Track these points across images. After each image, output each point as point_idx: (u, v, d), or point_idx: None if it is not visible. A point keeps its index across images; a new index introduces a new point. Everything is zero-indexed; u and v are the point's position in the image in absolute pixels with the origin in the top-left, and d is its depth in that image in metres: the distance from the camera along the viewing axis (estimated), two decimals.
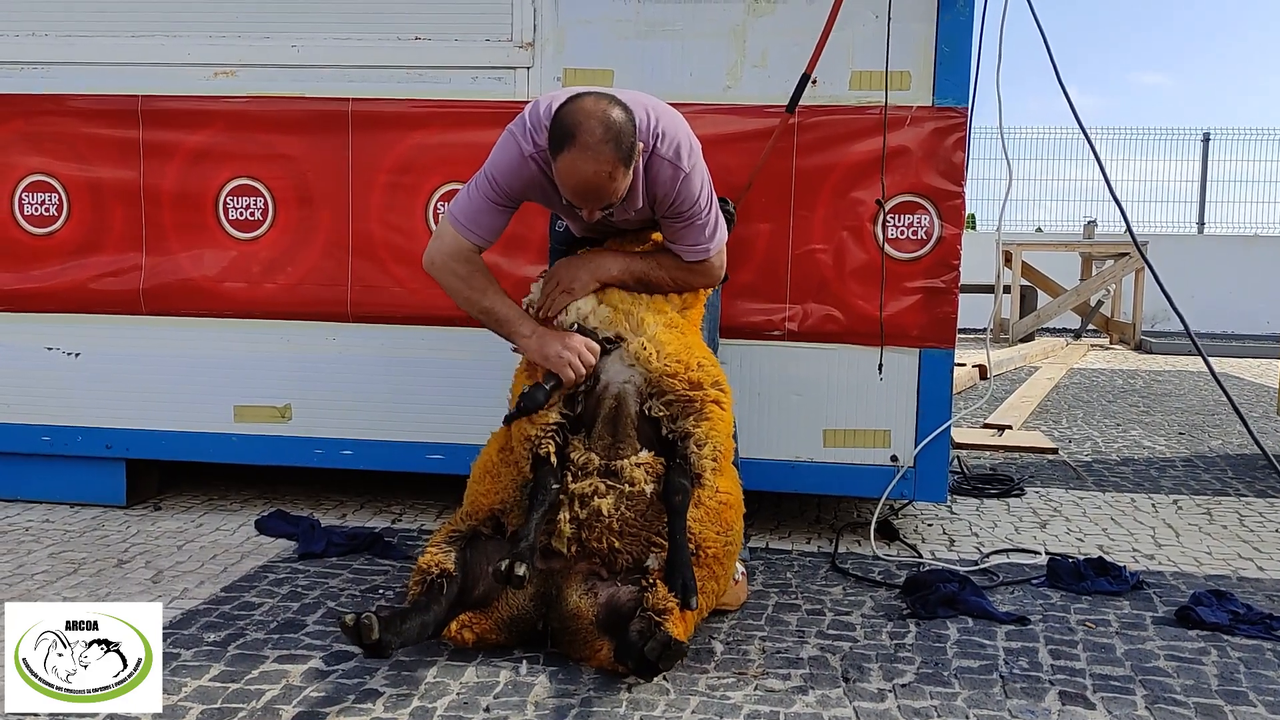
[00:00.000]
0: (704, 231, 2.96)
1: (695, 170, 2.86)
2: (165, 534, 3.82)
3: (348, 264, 3.90)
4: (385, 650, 2.48)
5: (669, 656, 2.49)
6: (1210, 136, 16.19)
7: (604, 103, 2.68)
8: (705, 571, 2.78)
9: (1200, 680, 2.67)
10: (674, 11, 3.71)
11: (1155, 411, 7.20)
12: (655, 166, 2.82)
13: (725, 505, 2.87)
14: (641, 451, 2.82)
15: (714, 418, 2.85)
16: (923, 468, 3.77)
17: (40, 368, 4.07)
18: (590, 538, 2.76)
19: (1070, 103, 3.84)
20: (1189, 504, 4.54)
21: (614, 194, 2.73)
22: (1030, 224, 16.81)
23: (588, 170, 2.65)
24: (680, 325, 2.98)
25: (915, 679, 2.65)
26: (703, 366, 2.88)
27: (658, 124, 2.81)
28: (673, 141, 2.82)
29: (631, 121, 2.70)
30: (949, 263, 3.70)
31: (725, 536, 2.85)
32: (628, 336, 2.90)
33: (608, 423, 2.85)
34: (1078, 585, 3.33)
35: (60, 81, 3.97)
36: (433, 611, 2.65)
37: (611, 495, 2.76)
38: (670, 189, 2.84)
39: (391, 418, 3.93)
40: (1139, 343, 11.89)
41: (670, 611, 2.59)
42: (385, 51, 3.84)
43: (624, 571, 2.75)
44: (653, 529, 2.76)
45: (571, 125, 2.65)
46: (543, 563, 2.78)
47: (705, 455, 2.80)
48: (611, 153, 2.64)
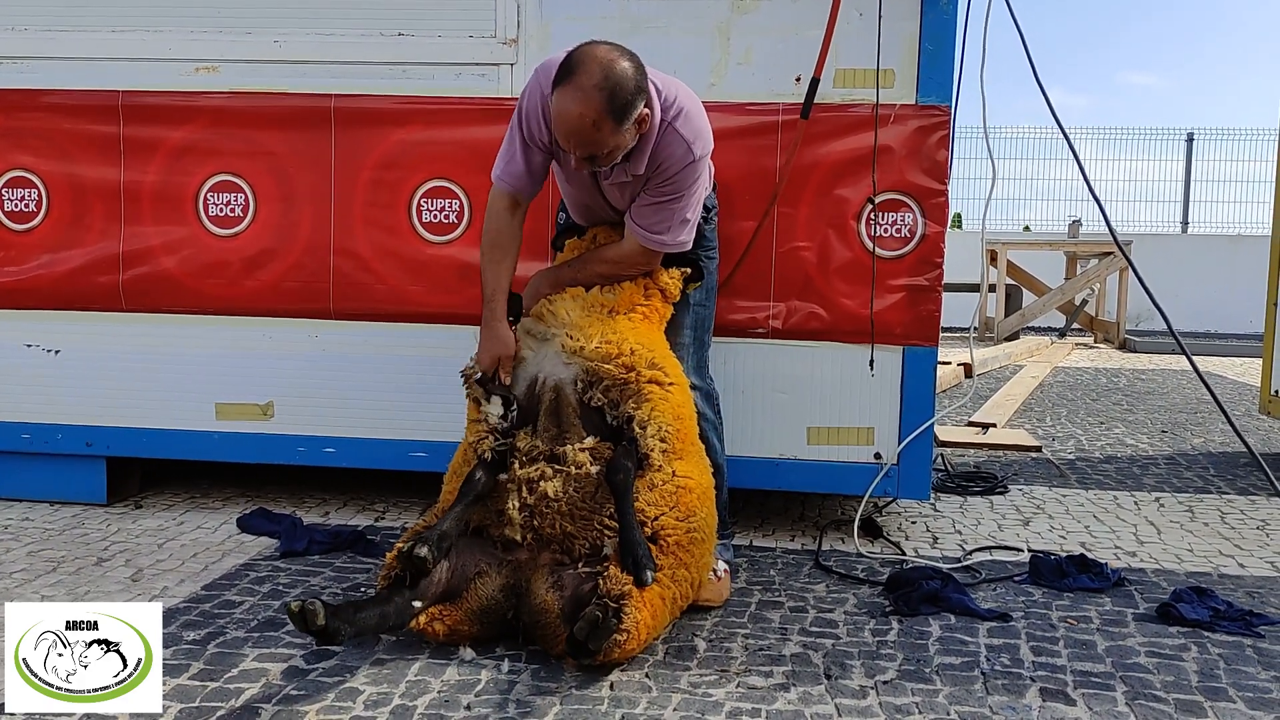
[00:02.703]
0: (668, 222, 2.97)
1: (700, 166, 2.92)
2: (146, 532, 3.80)
3: (329, 261, 3.88)
4: (335, 637, 2.48)
5: (598, 635, 2.50)
6: (1194, 136, 16.27)
7: (616, 54, 2.73)
8: (671, 559, 2.77)
9: (1181, 676, 2.68)
10: (658, 8, 3.71)
11: (1138, 410, 7.23)
12: (669, 139, 2.88)
13: (684, 490, 2.86)
14: (587, 438, 2.86)
15: (654, 398, 2.87)
16: (906, 465, 3.77)
17: (19, 364, 4.04)
18: (543, 525, 2.80)
19: (1046, 98, 3.85)
20: (1171, 501, 4.55)
21: (599, 145, 2.76)
22: (1018, 223, 16.90)
23: (573, 110, 2.69)
24: (602, 307, 3.01)
25: (897, 676, 2.65)
26: (635, 352, 2.89)
27: (677, 102, 2.89)
28: (694, 127, 2.90)
29: (638, 82, 2.73)
30: (932, 260, 3.70)
31: (688, 523, 2.83)
32: (558, 332, 2.95)
33: (550, 415, 2.91)
34: (1060, 582, 3.34)
35: (40, 77, 3.94)
36: (394, 603, 2.65)
37: (558, 479, 2.80)
38: (674, 165, 2.89)
39: (374, 415, 3.91)
40: (1123, 341, 11.95)
41: (629, 596, 2.59)
42: (368, 47, 3.82)
43: (583, 559, 2.77)
44: (604, 512, 2.78)
45: (575, 63, 2.71)
46: (508, 554, 2.82)
47: (650, 435, 2.82)
48: (601, 100, 2.67)
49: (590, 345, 2.88)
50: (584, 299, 3.04)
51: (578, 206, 3.30)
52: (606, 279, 3.08)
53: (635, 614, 2.57)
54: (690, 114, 2.91)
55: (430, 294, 3.83)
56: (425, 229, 3.83)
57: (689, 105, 2.92)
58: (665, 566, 2.73)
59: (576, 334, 2.91)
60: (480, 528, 2.89)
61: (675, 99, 2.90)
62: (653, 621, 2.67)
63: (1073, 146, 4.05)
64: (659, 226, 2.98)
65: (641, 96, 2.75)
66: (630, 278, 3.09)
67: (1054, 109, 3.88)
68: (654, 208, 2.97)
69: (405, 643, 2.78)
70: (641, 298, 3.08)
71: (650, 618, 2.64)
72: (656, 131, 2.87)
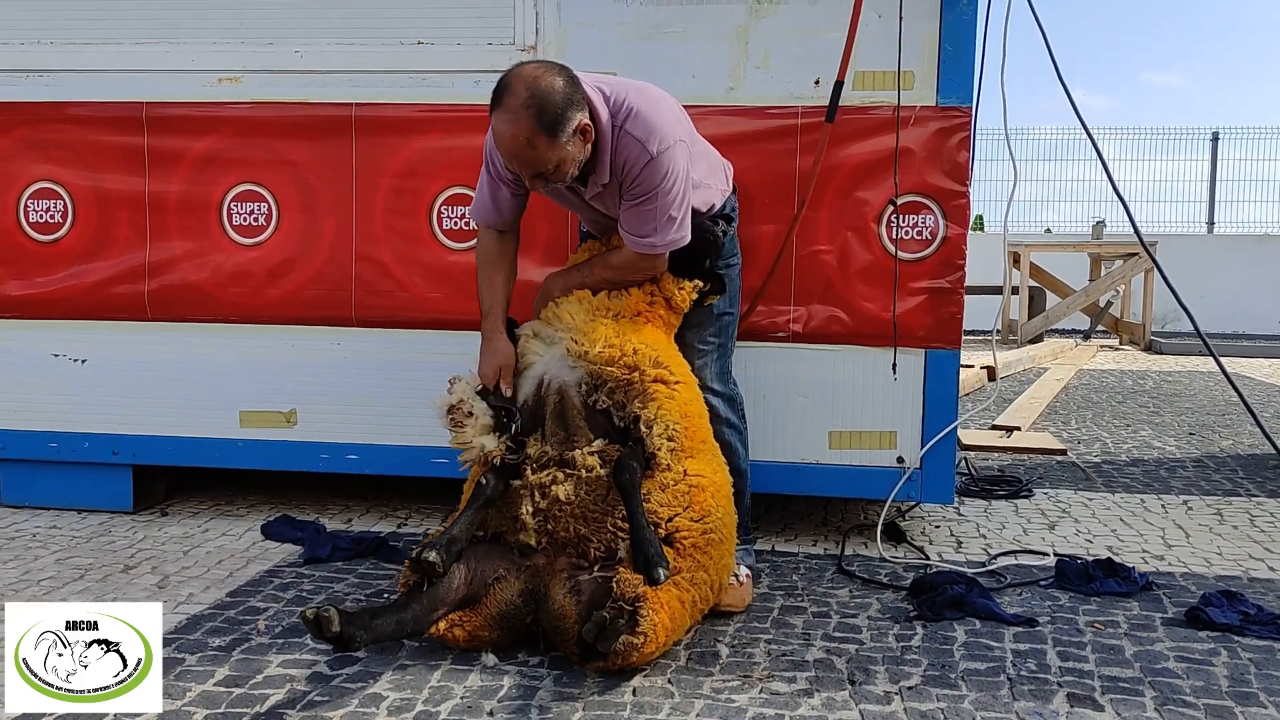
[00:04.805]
0: (652, 224, 2.94)
1: (665, 161, 2.86)
2: (171, 539, 3.82)
3: (351, 269, 3.90)
4: (351, 644, 2.50)
5: (606, 637, 2.50)
6: (1219, 135, 16.11)
7: (542, 70, 2.73)
8: (689, 562, 2.75)
9: (1210, 681, 2.65)
10: (676, 13, 3.71)
11: (1165, 412, 7.16)
12: (623, 142, 2.86)
13: (697, 489, 2.84)
14: (595, 441, 2.87)
15: (660, 397, 2.86)
16: (929, 469, 3.75)
17: (47, 374, 4.07)
18: (557, 529, 2.81)
19: (1069, 96, 3.83)
20: (1199, 504, 4.51)
21: (541, 162, 2.76)
22: (1039, 225, 16.76)
23: (506, 132, 2.72)
24: (607, 311, 3.01)
25: (922, 681, 2.64)
26: (638, 352, 2.88)
27: (626, 103, 2.86)
28: (645, 124, 2.85)
29: (568, 95, 2.72)
30: (954, 263, 3.68)
31: (703, 523, 2.82)
32: (563, 335, 2.96)
33: (556, 418, 2.92)
34: (1086, 586, 3.32)
35: (65, 89, 3.97)
36: (412, 609, 2.65)
37: (569, 482, 2.81)
38: (634, 167, 2.87)
39: (397, 422, 3.91)
40: (1149, 343, 11.85)
41: (645, 598, 2.58)
42: (388, 56, 3.84)
43: (598, 562, 2.77)
44: (616, 513, 2.78)
45: (503, 87, 2.72)
46: (526, 559, 2.83)
47: (656, 434, 2.81)
48: (530, 118, 2.68)
49: (594, 350, 2.88)
50: (589, 303, 3.04)
51: (585, 220, 3.33)
52: (612, 284, 3.08)
53: (653, 616, 2.56)
54: (640, 112, 2.86)
55: (452, 301, 3.83)
56: (446, 236, 3.85)
57: (639, 104, 2.87)
58: (683, 569, 2.72)
59: (581, 338, 2.92)
60: (497, 534, 2.89)
61: (624, 101, 2.86)
62: (671, 625, 2.65)
63: (1097, 146, 4.05)
64: (644, 230, 2.96)
65: (575, 108, 2.73)
66: (635, 282, 3.08)
67: (1077, 107, 3.87)
68: (634, 212, 2.95)
69: (428, 648, 2.79)
70: (646, 305, 3.07)
71: (669, 620, 2.63)
72: (610, 137, 2.86)
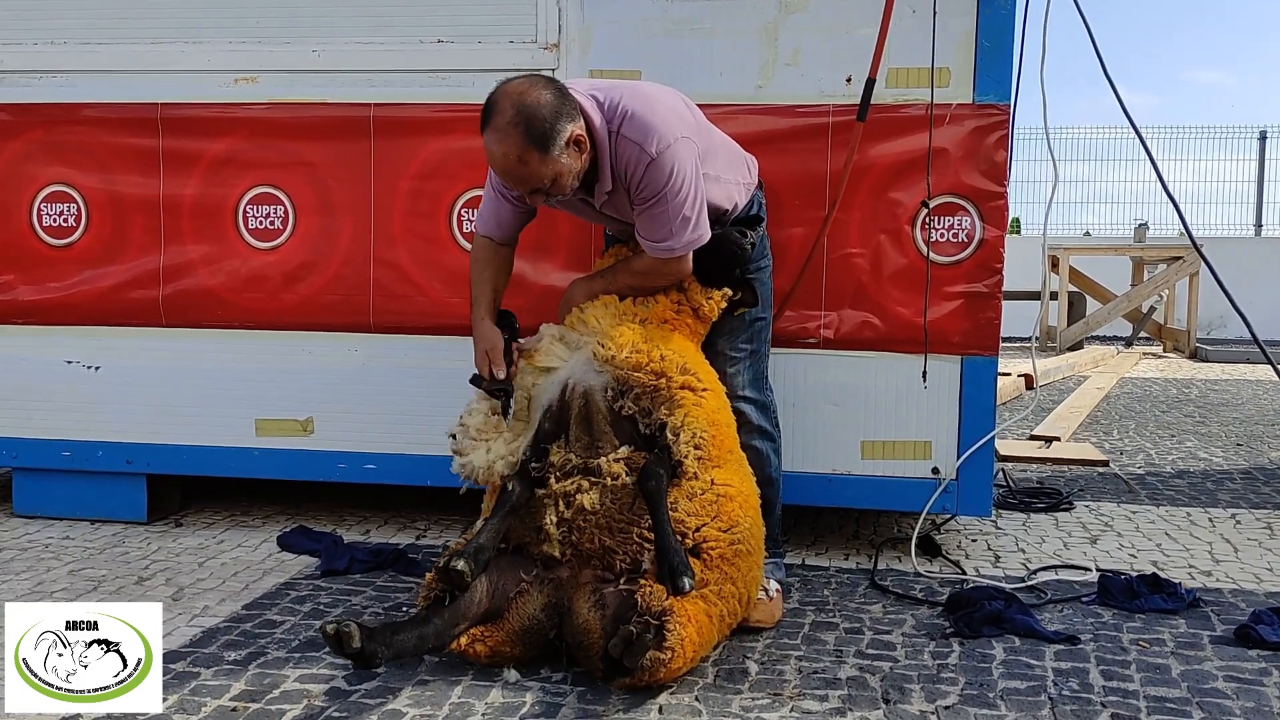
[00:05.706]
0: (666, 226, 2.89)
1: (668, 160, 2.81)
2: (186, 550, 3.77)
3: (369, 273, 3.84)
4: (372, 660, 2.45)
5: (633, 653, 2.44)
6: (1267, 135, 15.87)
7: (528, 84, 2.72)
8: (716, 574, 2.69)
9: (1261, 702, 2.59)
10: (703, 9, 3.63)
11: (1211, 422, 7.02)
12: (621, 147, 2.84)
13: (724, 498, 2.79)
14: (621, 448, 2.81)
15: (686, 404, 2.82)
16: (965, 480, 3.65)
17: (60, 381, 4.03)
18: (581, 540, 2.75)
19: (1116, 93, 3.73)
20: (1248, 518, 4.40)
21: (537, 178, 2.75)
22: (1078, 227, 16.59)
23: (496, 151, 2.71)
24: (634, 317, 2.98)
25: (959, 700, 2.58)
26: (666, 359, 2.84)
27: (621, 106, 2.83)
28: (641, 125, 2.81)
29: (556, 107, 2.70)
30: (991, 266, 3.58)
31: (731, 534, 2.76)
32: (589, 340, 2.93)
33: (581, 424, 2.86)
34: (1131, 603, 3.24)
35: (79, 90, 3.94)
36: (433, 624, 2.60)
37: (594, 491, 2.76)
38: (636, 170, 2.83)
39: (415, 430, 3.83)
40: (1194, 350, 11.66)
41: (671, 612, 2.51)
42: (407, 55, 3.78)
43: (624, 574, 2.70)
44: (642, 523, 2.72)
45: (490, 106, 2.72)
46: (549, 573, 2.77)
47: (683, 442, 2.77)
48: (519, 135, 2.67)
49: (621, 355, 2.83)
50: (616, 308, 3.01)
51: (608, 227, 3.30)
52: (636, 290, 3.04)
53: (680, 630, 2.49)
54: (636, 114, 2.82)
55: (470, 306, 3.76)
56: (467, 239, 3.76)
57: (634, 105, 2.83)
58: (710, 581, 2.66)
59: (608, 343, 2.87)
60: (520, 546, 2.83)
61: (619, 104, 2.83)
62: (699, 639, 2.59)
63: (1146, 145, 3.95)
64: (659, 234, 2.91)
65: (565, 119, 2.70)
66: (661, 287, 3.03)
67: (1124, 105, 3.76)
68: (646, 217, 2.91)
69: (448, 664, 2.75)
70: (673, 313, 3.03)
71: (696, 635, 2.56)
72: (608, 143, 2.83)
